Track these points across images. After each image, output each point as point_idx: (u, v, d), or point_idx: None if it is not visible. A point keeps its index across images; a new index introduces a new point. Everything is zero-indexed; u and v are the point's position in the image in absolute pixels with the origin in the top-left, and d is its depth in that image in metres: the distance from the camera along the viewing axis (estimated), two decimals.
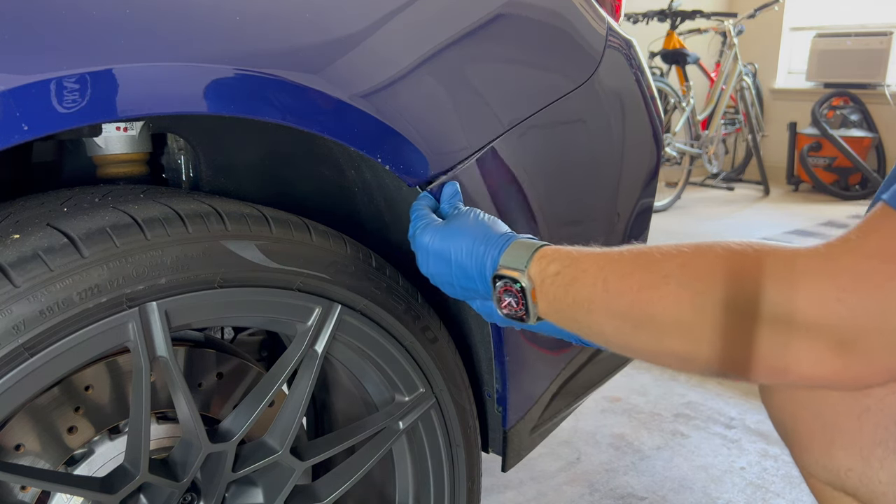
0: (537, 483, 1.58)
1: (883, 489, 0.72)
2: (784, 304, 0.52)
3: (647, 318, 0.58)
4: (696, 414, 1.92)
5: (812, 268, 0.52)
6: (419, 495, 0.91)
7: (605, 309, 0.60)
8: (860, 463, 0.74)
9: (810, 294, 0.51)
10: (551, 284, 0.64)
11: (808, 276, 0.52)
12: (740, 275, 0.54)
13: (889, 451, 0.71)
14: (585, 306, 0.62)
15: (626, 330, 0.60)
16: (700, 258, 0.56)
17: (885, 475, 0.72)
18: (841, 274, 0.51)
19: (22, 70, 0.50)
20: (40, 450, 0.71)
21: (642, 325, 0.59)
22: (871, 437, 0.73)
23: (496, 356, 0.89)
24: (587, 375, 1.10)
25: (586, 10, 1.00)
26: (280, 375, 0.74)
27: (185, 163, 0.97)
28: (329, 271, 0.74)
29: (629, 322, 0.59)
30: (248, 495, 0.79)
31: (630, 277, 0.59)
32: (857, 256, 0.50)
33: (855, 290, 0.49)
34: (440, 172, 0.78)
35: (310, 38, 0.67)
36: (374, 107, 0.70)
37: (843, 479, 0.76)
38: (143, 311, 0.62)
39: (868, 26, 5.45)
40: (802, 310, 0.51)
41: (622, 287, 0.59)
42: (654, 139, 1.14)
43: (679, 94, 4.59)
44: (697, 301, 0.55)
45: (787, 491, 1.57)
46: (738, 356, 0.54)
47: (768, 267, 0.53)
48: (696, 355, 0.57)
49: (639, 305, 0.58)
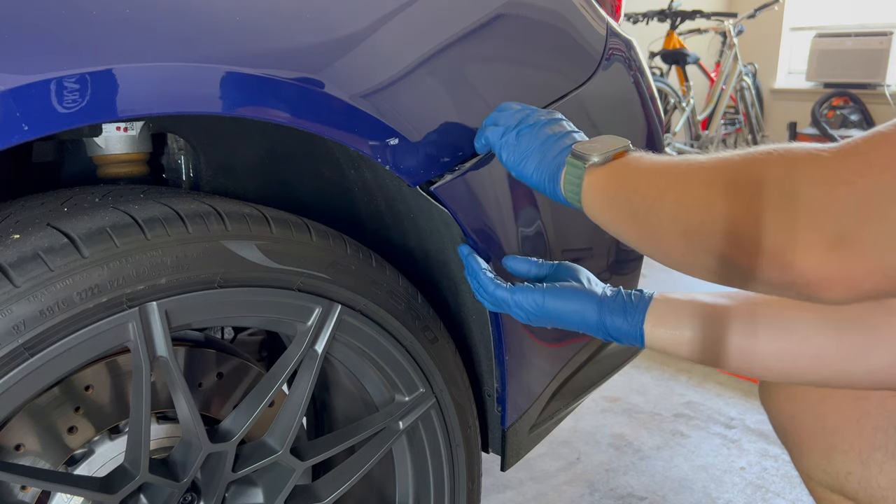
0: (537, 483, 1.58)
1: (883, 493, 0.72)
2: (791, 183, 0.52)
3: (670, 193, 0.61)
4: (696, 414, 1.92)
5: (823, 152, 0.51)
6: (419, 495, 0.91)
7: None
8: (859, 467, 0.74)
9: (818, 174, 0.51)
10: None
11: (819, 159, 0.51)
12: (756, 158, 0.55)
13: (888, 456, 0.71)
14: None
15: (649, 202, 0.62)
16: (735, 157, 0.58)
17: (885, 479, 0.72)
18: (852, 158, 0.50)
19: (22, 70, 0.50)
20: (40, 450, 0.71)
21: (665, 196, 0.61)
22: (871, 441, 0.73)
23: (496, 355, 0.89)
24: (586, 375, 1.10)
25: (586, 11, 1.00)
26: (280, 375, 0.74)
27: (185, 163, 0.97)
28: (329, 271, 0.74)
29: (656, 192, 0.62)
30: (248, 495, 0.79)
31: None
32: (868, 146, 0.50)
33: (865, 173, 0.49)
34: (440, 172, 0.78)
35: (310, 39, 0.67)
36: (375, 107, 0.70)
37: (842, 482, 0.76)
38: (144, 311, 0.62)
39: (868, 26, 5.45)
40: (808, 191, 0.51)
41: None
42: (655, 139, 1.14)
43: (679, 94, 4.60)
44: (717, 179, 0.57)
45: (787, 491, 1.57)
46: (745, 233, 0.54)
47: (782, 151, 0.54)
48: (709, 230, 0.57)
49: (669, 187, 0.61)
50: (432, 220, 0.82)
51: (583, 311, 0.75)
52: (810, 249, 0.50)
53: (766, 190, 0.53)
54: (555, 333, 0.96)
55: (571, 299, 0.75)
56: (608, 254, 1.10)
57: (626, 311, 0.74)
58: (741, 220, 0.54)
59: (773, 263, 0.53)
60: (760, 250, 0.53)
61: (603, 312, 0.74)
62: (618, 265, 1.14)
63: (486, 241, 0.84)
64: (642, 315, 0.73)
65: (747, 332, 0.69)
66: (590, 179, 0.68)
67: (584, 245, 1.05)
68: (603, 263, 1.10)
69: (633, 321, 0.73)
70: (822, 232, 0.50)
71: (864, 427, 0.73)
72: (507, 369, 0.90)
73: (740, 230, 0.54)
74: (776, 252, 0.52)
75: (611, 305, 0.74)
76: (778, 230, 0.52)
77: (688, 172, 0.61)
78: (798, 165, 0.52)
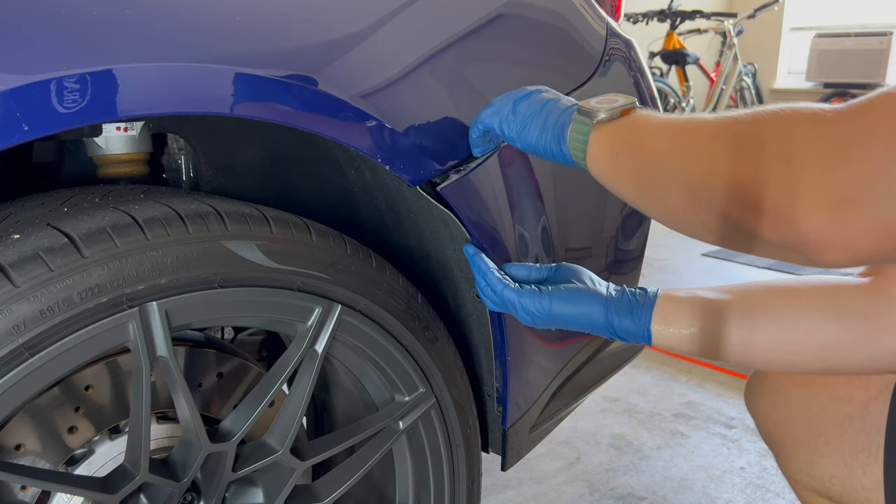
0: (537, 483, 1.58)
1: (867, 495, 0.72)
2: (795, 142, 0.51)
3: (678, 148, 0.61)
4: (695, 414, 1.92)
5: (827, 112, 0.51)
6: (419, 495, 0.91)
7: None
8: (843, 470, 0.74)
9: (822, 134, 0.50)
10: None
11: (823, 119, 0.51)
12: (761, 116, 0.55)
13: (871, 458, 0.71)
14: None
15: (658, 157, 0.62)
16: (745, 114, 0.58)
17: (869, 481, 0.72)
18: (856, 118, 0.49)
19: (22, 70, 0.50)
20: (40, 450, 0.71)
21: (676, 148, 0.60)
22: (854, 443, 0.73)
23: (497, 355, 0.89)
24: (586, 375, 1.10)
25: (586, 11, 1.00)
26: (280, 375, 0.74)
27: (186, 163, 0.97)
28: (329, 271, 0.74)
29: (666, 146, 0.61)
30: (248, 495, 0.79)
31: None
32: (872, 106, 0.49)
33: (868, 133, 0.48)
34: (440, 172, 0.78)
35: (310, 39, 0.67)
36: (374, 107, 0.71)
37: (827, 486, 0.76)
38: (144, 311, 0.62)
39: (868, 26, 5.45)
40: (811, 151, 0.50)
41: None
42: None
43: (679, 94, 4.60)
44: (721, 133, 0.57)
45: (787, 491, 1.56)
46: (747, 190, 0.53)
47: (788, 111, 0.53)
48: (710, 185, 0.56)
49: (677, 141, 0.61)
50: (432, 220, 0.82)
51: (589, 313, 0.75)
52: (813, 209, 0.49)
53: (770, 148, 0.52)
54: (556, 333, 0.95)
55: (578, 302, 0.75)
56: (609, 253, 1.10)
57: (633, 311, 0.74)
58: (744, 177, 0.53)
59: (775, 223, 0.52)
60: (762, 209, 0.52)
61: (609, 313, 0.74)
62: (617, 265, 1.14)
63: (491, 240, 0.84)
64: (649, 314, 0.73)
65: (751, 326, 0.69)
66: (596, 136, 0.68)
67: (586, 244, 1.05)
68: (603, 263, 1.10)
69: (640, 321, 0.73)
70: (825, 192, 0.49)
71: (846, 430, 0.74)
72: (509, 369, 0.90)
73: (743, 187, 0.54)
74: (778, 211, 0.51)
75: (617, 306, 0.74)
76: (780, 189, 0.51)
77: (694, 128, 0.60)
78: (802, 125, 0.52)
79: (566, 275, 0.80)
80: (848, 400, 0.74)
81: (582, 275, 0.79)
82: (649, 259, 3.07)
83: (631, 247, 1.16)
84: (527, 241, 0.89)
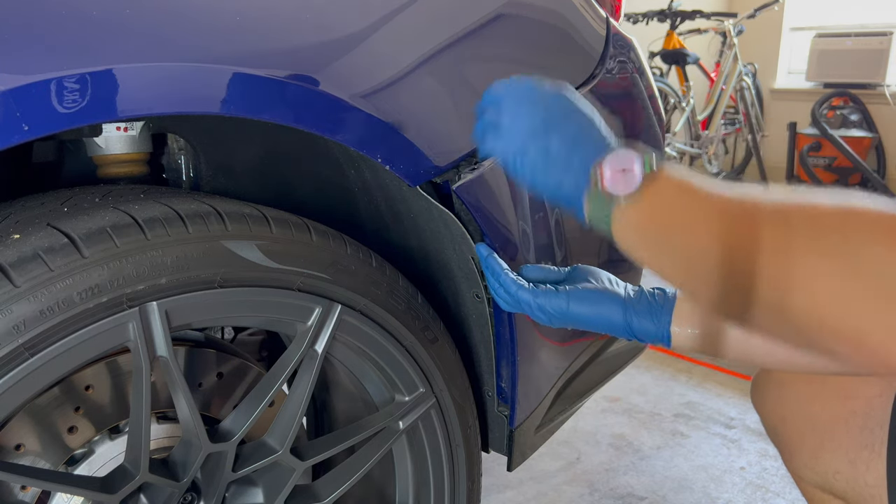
0: (537, 483, 1.58)
1: (871, 491, 0.73)
2: (891, 264, 0.46)
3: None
4: (695, 414, 1.92)
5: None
6: (419, 495, 0.91)
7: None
8: (847, 466, 0.74)
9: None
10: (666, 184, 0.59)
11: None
12: (849, 219, 0.49)
13: (875, 454, 0.71)
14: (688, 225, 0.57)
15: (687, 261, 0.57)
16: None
17: (872, 477, 0.72)
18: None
19: (22, 70, 0.50)
20: (40, 450, 0.71)
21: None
22: (858, 440, 0.73)
23: (507, 355, 0.89)
24: (590, 375, 1.10)
25: (586, 10, 1.00)
26: (280, 375, 0.74)
27: (186, 163, 0.97)
28: (329, 271, 0.74)
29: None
30: (248, 495, 0.79)
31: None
32: None
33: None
34: (439, 172, 0.78)
35: (309, 39, 0.67)
36: (374, 106, 0.70)
37: (831, 482, 0.77)
38: (144, 311, 0.62)
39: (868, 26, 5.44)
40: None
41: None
42: (655, 139, 1.14)
43: (679, 94, 4.59)
44: (809, 248, 0.49)
45: (787, 491, 1.57)
46: (831, 315, 0.48)
47: (888, 220, 0.47)
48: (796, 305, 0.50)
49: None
50: (432, 221, 0.82)
51: (608, 314, 0.74)
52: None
53: (865, 269, 0.47)
54: (563, 332, 0.95)
55: (596, 302, 0.74)
56: (613, 251, 1.10)
57: (653, 313, 0.73)
58: (827, 303, 0.48)
59: (864, 351, 0.47)
60: (850, 337, 0.48)
61: (629, 315, 0.73)
62: (619, 264, 1.13)
63: (505, 240, 0.83)
64: (668, 316, 0.72)
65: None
66: (618, 215, 0.61)
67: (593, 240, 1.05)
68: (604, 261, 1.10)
69: (659, 323, 0.72)
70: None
71: (851, 427, 0.74)
72: (518, 369, 0.90)
73: (831, 320, 0.48)
74: (873, 343, 0.47)
75: (636, 307, 0.73)
76: (876, 324, 0.46)
77: (749, 221, 0.52)
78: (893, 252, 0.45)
79: (583, 275, 0.78)
80: (853, 396, 0.74)
81: (599, 275, 0.78)
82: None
83: None
84: (540, 239, 0.89)
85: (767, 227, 0.51)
